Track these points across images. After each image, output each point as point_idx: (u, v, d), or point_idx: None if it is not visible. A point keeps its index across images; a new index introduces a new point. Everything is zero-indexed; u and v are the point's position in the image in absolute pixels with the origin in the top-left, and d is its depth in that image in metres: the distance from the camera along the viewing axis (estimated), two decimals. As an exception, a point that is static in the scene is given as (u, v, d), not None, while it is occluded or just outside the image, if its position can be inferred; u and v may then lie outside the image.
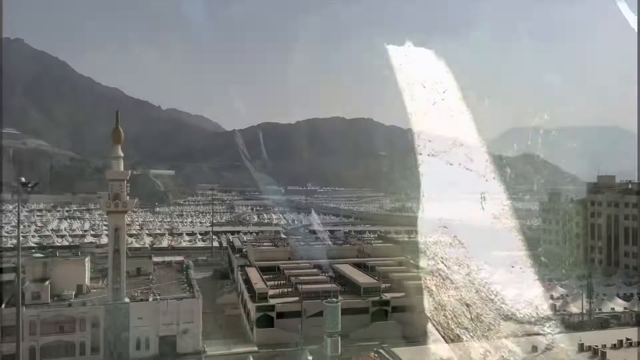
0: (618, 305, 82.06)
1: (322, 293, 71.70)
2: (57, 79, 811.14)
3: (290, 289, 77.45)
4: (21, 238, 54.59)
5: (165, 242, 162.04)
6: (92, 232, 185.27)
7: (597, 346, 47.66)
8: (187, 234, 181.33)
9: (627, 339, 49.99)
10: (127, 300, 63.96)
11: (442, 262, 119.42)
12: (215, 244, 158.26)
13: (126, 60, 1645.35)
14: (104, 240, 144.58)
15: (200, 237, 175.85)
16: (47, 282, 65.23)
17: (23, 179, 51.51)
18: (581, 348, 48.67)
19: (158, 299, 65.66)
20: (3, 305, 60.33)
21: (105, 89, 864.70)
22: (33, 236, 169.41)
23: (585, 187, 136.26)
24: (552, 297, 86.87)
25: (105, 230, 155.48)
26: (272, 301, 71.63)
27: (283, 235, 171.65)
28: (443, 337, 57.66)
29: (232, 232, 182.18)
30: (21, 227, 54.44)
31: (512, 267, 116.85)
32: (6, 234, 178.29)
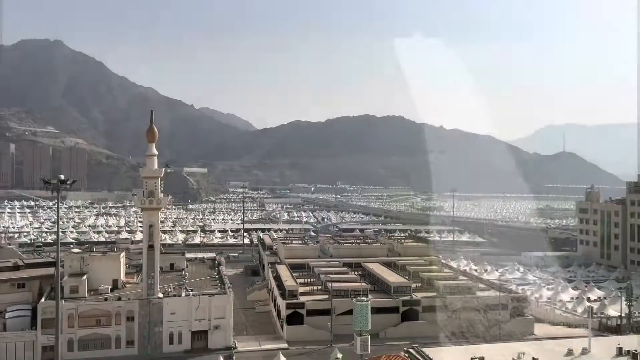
0: (659, 308, 79.05)
1: (352, 291, 71.53)
2: (94, 79, 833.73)
3: (319, 287, 77.57)
4: (60, 234, 56.35)
5: (197, 239, 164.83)
6: (127, 229, 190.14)
7: (636, 351, 46.01)
8: (219, 231, 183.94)
9: (669, 344, 48.08)
10: (160, 295, 65.27)
11: (474, 263, 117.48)
12: (246, 241, 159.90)
13: (160, 59, 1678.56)
14: (139, 236, 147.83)
15: (231, 234, 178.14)
16: (84, 277, 67.16)
17: (62, 177, 52.95)
18: (620, 352, 47.09)
19: (190, 295, 66.77)
20: (43, 299, 62.46)
21: (140, 89, 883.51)
22: (71, 232, 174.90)
23: (625, 186, 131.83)
24: (588, 300, 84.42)
25: (140, 226, 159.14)
26: (302, 299, 71.87)
27: (312, 233, 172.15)
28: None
29: (263, 230, 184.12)
30: (60, 223, 56.09)
31: (540, 268, 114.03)
32: (46, 230, 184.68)
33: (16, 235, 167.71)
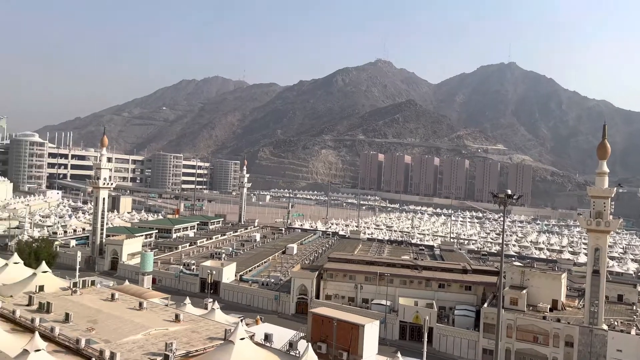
0: None
1: None
2: (544, 96, 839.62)
3: None
4: (504, 245, 59.54)
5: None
6: (569, 249, 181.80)
7: None
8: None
9: None
10: (605, 327, 59.37)
11: None
12: None
13: (611, 68, 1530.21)
14: (582, 259, 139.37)
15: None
16: (524, 291, 68.41)
17: (509, 191, 55.81)
18: None
19: (642, 335, 57.83)
20: (486, 304, 67.35)
21: (592, 102, 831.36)
22: (514, 245, 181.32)
23: None
24: None
25: (584, 248, 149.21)
26: None
27: None
28: None
29: None
30: (504, 235, 59.39)
31: None
32: (491, 240, 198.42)
33: (465, 242, 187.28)
